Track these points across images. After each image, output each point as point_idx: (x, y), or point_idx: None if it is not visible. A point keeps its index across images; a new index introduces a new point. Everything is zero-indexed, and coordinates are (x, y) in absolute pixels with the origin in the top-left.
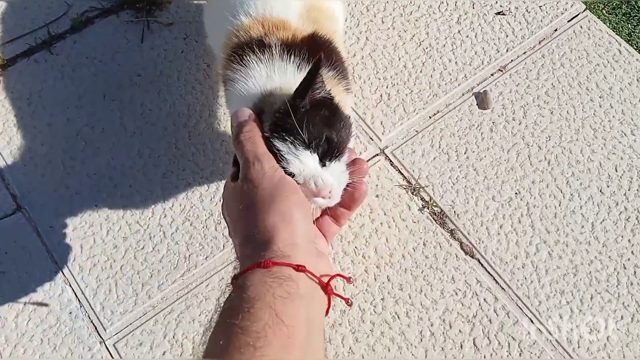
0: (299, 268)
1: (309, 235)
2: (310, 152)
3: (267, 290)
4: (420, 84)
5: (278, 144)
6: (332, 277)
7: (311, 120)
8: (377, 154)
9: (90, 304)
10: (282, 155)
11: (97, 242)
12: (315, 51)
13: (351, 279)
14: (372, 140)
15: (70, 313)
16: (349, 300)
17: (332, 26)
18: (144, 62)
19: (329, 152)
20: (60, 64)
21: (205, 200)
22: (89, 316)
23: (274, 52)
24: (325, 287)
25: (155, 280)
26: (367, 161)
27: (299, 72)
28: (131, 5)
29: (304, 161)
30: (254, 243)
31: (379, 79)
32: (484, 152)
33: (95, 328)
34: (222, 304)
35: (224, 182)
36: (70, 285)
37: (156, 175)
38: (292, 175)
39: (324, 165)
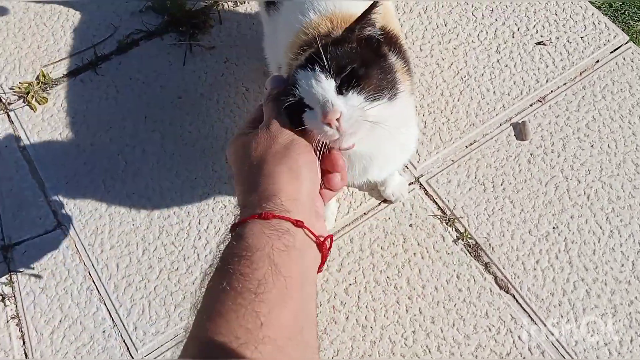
0: (298, 223)
1: (312, 194)
2: (327, 76)
3: (266, 242)
4: (457, 112)
5: (301, 73)
6: (327, 237)
7: (343, 50)
8: (412, 182)
9: (123, 324)
10: (302, 83)
11: (133, 262)
12: (384, 42)
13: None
14: (407, 168)
15: (104, 332)
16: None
17: (397, 25)
18: (185, 85)
19: (349, 81)
20: (105, 85)
21: None
22: (121, 335)
23: None
24: (321, 245)
25: (188, 303)
26: None
27: None
28: (175, 28)
29: (321, 83)
30: (257, 193)
31: (416, 106)
32: (521, 184)
33: (127, 348)
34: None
35: None
36: (104, 304)
37: (192, 197)
38: (307, 108)
39: (340, 93)
